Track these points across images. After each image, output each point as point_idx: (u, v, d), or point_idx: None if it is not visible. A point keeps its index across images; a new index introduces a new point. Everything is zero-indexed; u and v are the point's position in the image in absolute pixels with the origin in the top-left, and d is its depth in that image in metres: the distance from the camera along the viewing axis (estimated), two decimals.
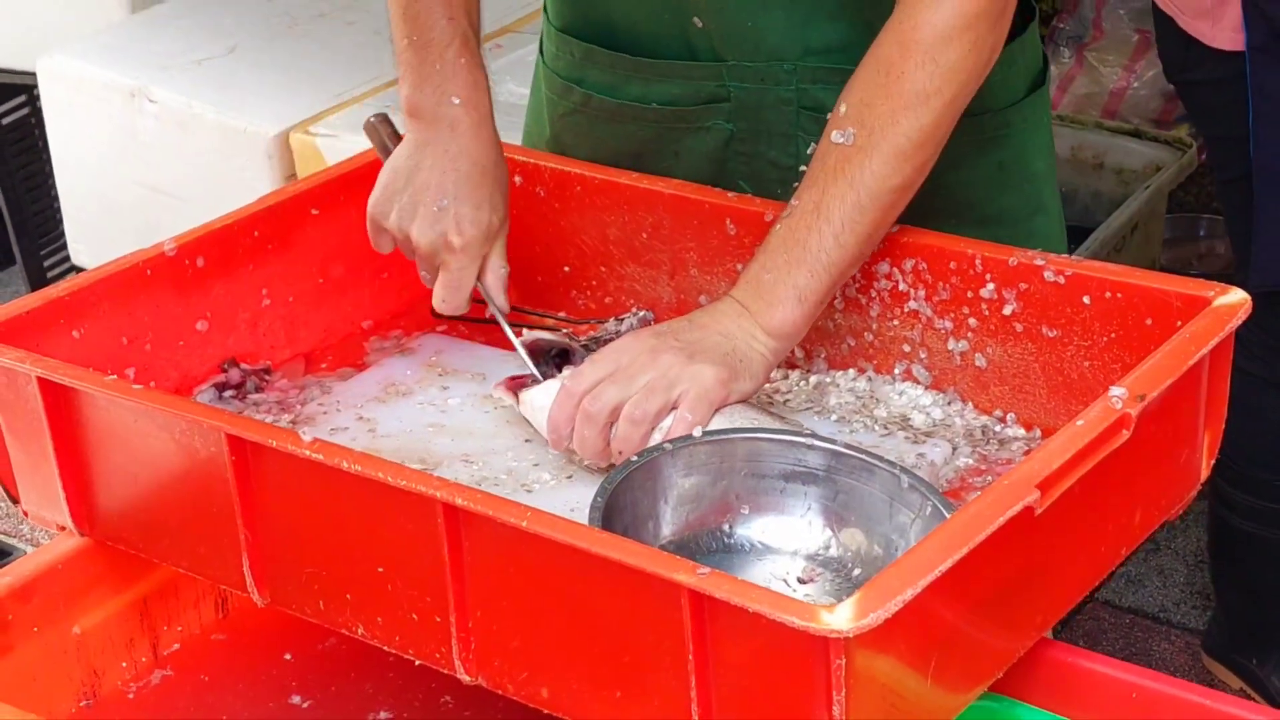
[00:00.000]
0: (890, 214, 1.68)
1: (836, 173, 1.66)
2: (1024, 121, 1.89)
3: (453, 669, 1.47)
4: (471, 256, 1.80)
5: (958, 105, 1.67)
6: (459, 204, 1.79)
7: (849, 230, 1.66)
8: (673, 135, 1.91)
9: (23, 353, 1.67)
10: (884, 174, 1.65)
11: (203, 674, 1.76)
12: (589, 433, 1.63)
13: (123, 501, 1.66)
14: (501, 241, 1.83)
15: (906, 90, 1.64)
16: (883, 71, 1.66)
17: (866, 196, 1.66)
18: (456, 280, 1.81)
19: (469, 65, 1.83)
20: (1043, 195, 1.94)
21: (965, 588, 1.32)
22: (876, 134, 1.65)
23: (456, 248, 1.79)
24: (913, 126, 1.65)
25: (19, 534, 3.66)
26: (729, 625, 1.28)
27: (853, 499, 1.54)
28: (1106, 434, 1.41)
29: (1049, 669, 1.49)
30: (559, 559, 1.36)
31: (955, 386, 1.75)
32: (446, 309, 1.83)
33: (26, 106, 4.12)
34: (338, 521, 1.50)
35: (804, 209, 1.67)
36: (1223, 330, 1.54)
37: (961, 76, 1.66)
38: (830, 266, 1.66)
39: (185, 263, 1.84)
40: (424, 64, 1.82)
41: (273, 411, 1.83)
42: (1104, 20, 4.21)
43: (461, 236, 1.79)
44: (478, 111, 1.83)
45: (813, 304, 1.67)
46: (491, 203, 1.82)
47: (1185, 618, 3.26)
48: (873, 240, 1.69)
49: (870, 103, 1.66)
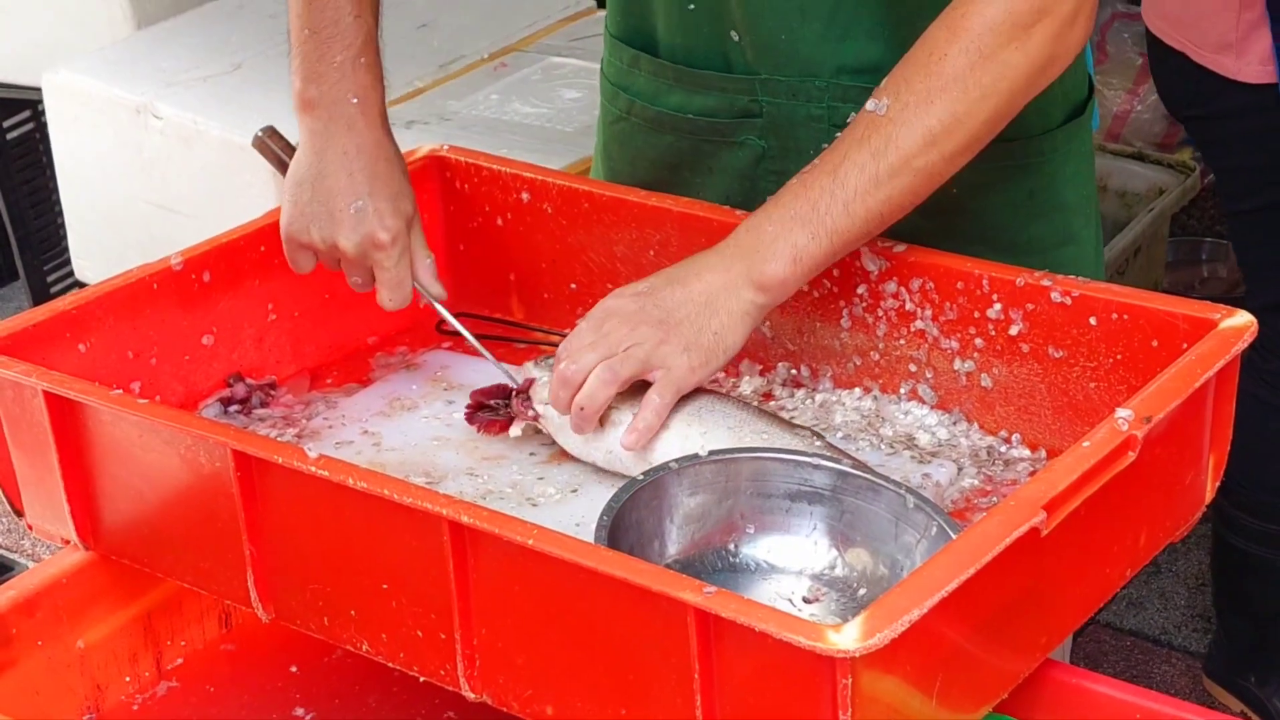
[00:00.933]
0: (907, 196, 1.65)
1: (862, 140, 1.64)
2: (1057, 150, 1.87)
3: (457, 686, 1.47)
4: (402, 248, 1.80)
5: (998, 104, 1.64)
6: (375, 200, 1.79)
7: (860, 200, 1.64)
8: (708, 149, 1.91)
9: (29, 366, 1.67)
10: (908, 151, 1.63)
11: (206, 688, 1.76)
12: (563, 394, 1.65)
13: (127, 516, 1.66)
14: (418, 231, 1.83)
15: (946, 71, 1.62)
16: (926, 51, 1.64)
17: (885, 170, 1.63)
18: (394, 276, 1.80)
19: (369, 65, 1.81)
20: (1073, 225, 1.91)
21: (971, 608, 1.32)
22: (909, 110, 1.63)
23: (385, 243, 1.78)
24: (945, 110, 1.62)
25: (20, 549, 3.66)
26: (735, 644, 1.28)
27: (858, 519, 1.54)
28: (1112, 456, 1.41)
29: (1053, 690, 1.49)
30: (564, 577, 1.35)
31: (961, 406, 1.75)
32: (394, 306, 1.82)
33: (31, 121, 4.13)
34: (342, 537, 1.50)
35: (822, 169, 1.66)
36: (1229, 353, 1.54)
37: (1007, 73, 1.63)
38: (833, 233, 1.64)
39: (191, 277, 1.84)
40: (323, 59, 1.79)
41: (278, 426, 1.83)
42: (1108, 44, 4.22)
43: (388, 231, 1.78)
44: (374, 109, 1.82)
45: (807, 266, 1.65)
46: (405, 191, 1.81)
47: (1186, 640, 3.26)
48: (883, 218, 1.65)
49: (909, 79, 1.64)
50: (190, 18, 3.72)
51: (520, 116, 3.14)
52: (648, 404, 1.64)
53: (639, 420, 1.64)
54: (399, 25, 1.82)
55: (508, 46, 3.47)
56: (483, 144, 2.82)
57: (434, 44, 3.47)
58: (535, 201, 1.96)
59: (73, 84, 3.49)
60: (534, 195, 1.96)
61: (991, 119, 1.65)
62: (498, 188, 1.99)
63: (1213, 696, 3.09)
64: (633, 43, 1.95)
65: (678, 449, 1.61)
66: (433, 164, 2.02)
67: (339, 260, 1.82)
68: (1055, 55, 1.66)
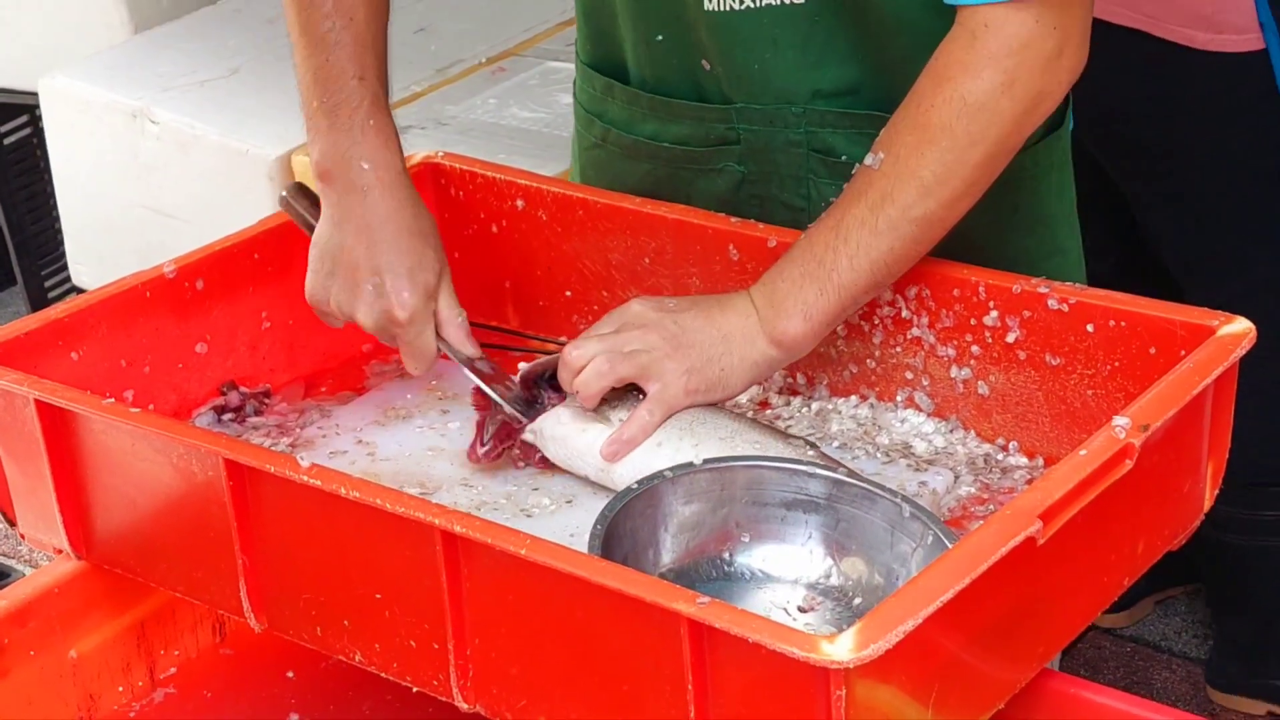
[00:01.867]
0: (911, 246, 1.66)
1: (860, 195, 1.65)
2: (1038, 164, 1.86)
3: (450, 696, 1.46)
4: (421, 323, 1.76)
5: (989, 150, 1.63)
6: (392, 277, 1.75)
7: (863, 254, 1.65)
8: (685, 176, 1.91)
9: (20, 375, 1.66)
10: (904, 204, 1.64)
11: (200, 698, 1.75)
12: (564, 375, 1.67)
13: (120, 525, 1.66)
14: (446, 291, 1.78)
15: (932, 123, 1.63)
16: (914, 102, 1.65)
17: (884, 224, 1.64)
18: (415, 349, 1.77)
19: (378, 127, 1.78)
20: (1058, 237, 1.91)
21: (967, 618, 1.31)
22: (901, 162, 1.64)
23: (404, 321, 1.75)
24: (936, 160, 1.63)
25: (17, 555, 3.66)
26: (729, 655, 1.27)
27: (854, 527, 1.53)
28: (1109, 464, 1.41)
29: (1050, 699, 1.49)
30: (558, 587, 1.35)
31: (958, 414, 1.75)
32: (419, 372, 1.80)
33: (28, 127, 4.12)
34: (336, 547, 1.49)
35: (825, 224, 1.67)
36: (1227, 360, 1.53)
37: (995, 119, 1.62)
38: (840, 288, 1.65)
39: (185, 285, 1.84)
40: (333, 128, 1.77)
41: (272, 435, 1.82)
42: None
43: (405, 310, 1.74)
44: (388, 172, 1.78)
45: (819, 323, 1.67)
46: (423, 262, 1.76)
47: (1186, 647, 3.25)
48: (890, 269, 1.66)
49: (900, 131, 1.65)
50: (187, 22, 3.72)
51: (518, 121, 3.14)
52: (635, 418, 1.64)
53: (623, 431, 1.64)
54: (396, 29, 1.81)
55: (505, 51, 3.47)
56: (480, 149, 2.84)
57: (431, 48, 3.47)
58: (530, 208, 1.96)
59: (69, 89, 3.49)
60: (529, 202, 1.96)
61: (984, 164, 1.64)
62: (493, 195, 1.98)
63: (1223, 707, 3.08)
64: (604, 70, 1.95)
65: (669, 461, 1.60)
66: (427, 171, 2.02)
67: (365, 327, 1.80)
68: (1044, 91, 1.64)
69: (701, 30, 1.81)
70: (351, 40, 1.77)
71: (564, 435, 1.69)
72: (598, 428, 1.66)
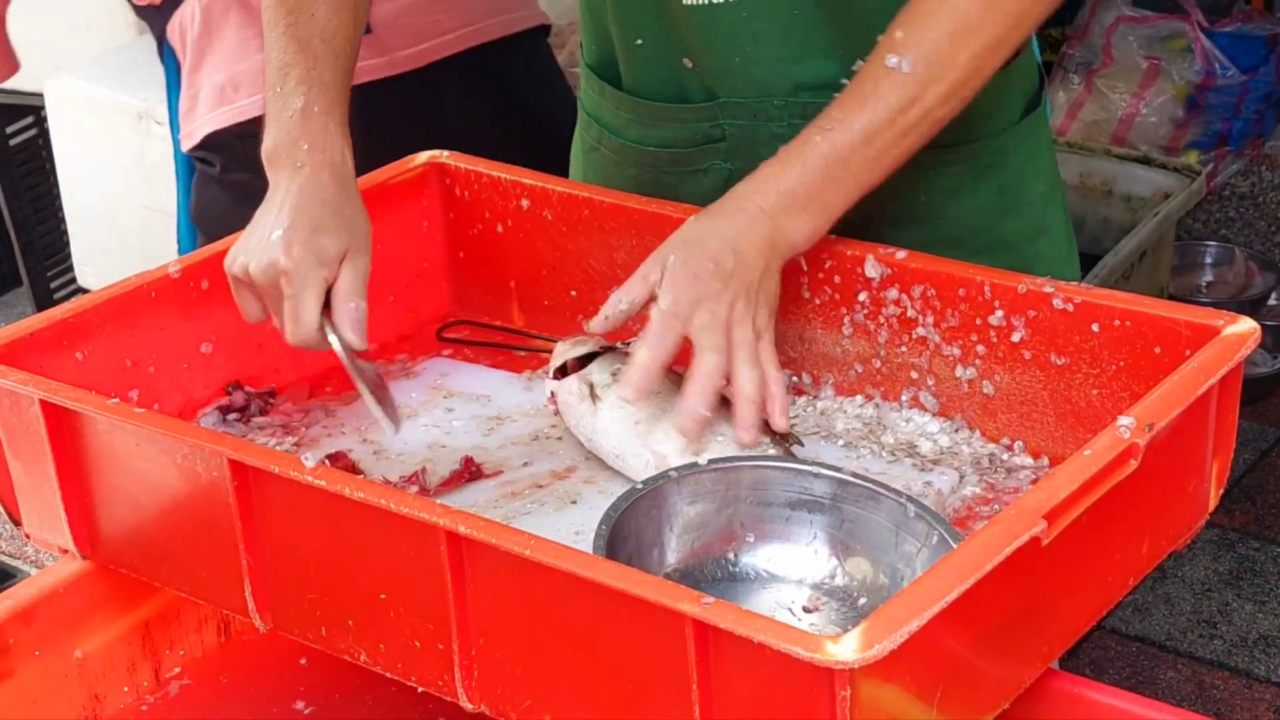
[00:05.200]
0: (925, 141, 1.69)
1: (888, 99, 1.66)
2: (1020, 145, 1.88)
3: (455, 696, 1.46)
4: (305, 282, 1.69)
5: (1008, 36, 1.67)
6: (291, 230, 1.70)
7: (889, 155, 1.68)
8: (670, 180, 1.91)
9: (25, 375, 1.66)
10: (932, 105, 1.66)
11: (205, 699, 1.75)
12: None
13: (125, 525, 1.66)
14: (351, 272, 1.71)
15: (967, 28, 1.65)
16: (946, 10, 1.66)
17: (906, 124, 1.66)
18: (293, 309, 1.69)
19: (322, 112, 1.78)
20: (1045, 218, 1.93)
21: (971, 618, 1.31)
22: (934, 66, 1.65)
23: (288, 271, 1.69)
24: (966, 60, 1.66)
25: (23, 555, 3.66)
26: (733, 655, 1.27)
27: (858, 527, 1.53)
28: (1114, 464, 1.40)
29: (1055, 699, 1.48)
30: (562, 587, 1.35)
31: (963, 414, 1.74)
32: (294, 341, 1.71)
33: (34, 128, 4.13)
34: (340, 547, 1.49)
35: (850, 129, 1.67)
36: (1232, 359, 1.53)
37: (1010, 6, 1.66)
38: (862, 187, 1.68)
39: (190, 285, 1.84)
40: (280, 112, 1.78)
41: (277, 435, 1.82)
42: (1114, 47, 4.21)
43: (290, 259, 1.68)
44: (326, 154, 1.76)
45: (836, 219, 1.69)
46: (331, 230, 1.71)
47: (1192, 646, 3.25)
48: (903, 162, 1.69)
49: (933, 40, 1.66)
50: None
51: None
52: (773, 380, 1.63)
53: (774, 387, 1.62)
54: None
55: None
56: None
57: None
58: (535, 208, 1.96)
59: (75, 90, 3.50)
60: (534, 202, 1.96)
61: (1007, 49, 1.68)
62: (498, 194, 1.98)
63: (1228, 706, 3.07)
64: (602, 74, 1.96)
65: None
66: (433, 171, 2.02)
67: (259, 294, 1.74)
68: None
69: (682, 26, 1.82)
70: (312, 30, 1.80)
71: (569, 403, 1.71)
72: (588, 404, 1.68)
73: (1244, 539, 3.50)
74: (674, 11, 1.81)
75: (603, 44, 1.94)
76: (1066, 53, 4.30)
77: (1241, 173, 4.22)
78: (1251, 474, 3.67)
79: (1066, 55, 4.30)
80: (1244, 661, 3.21)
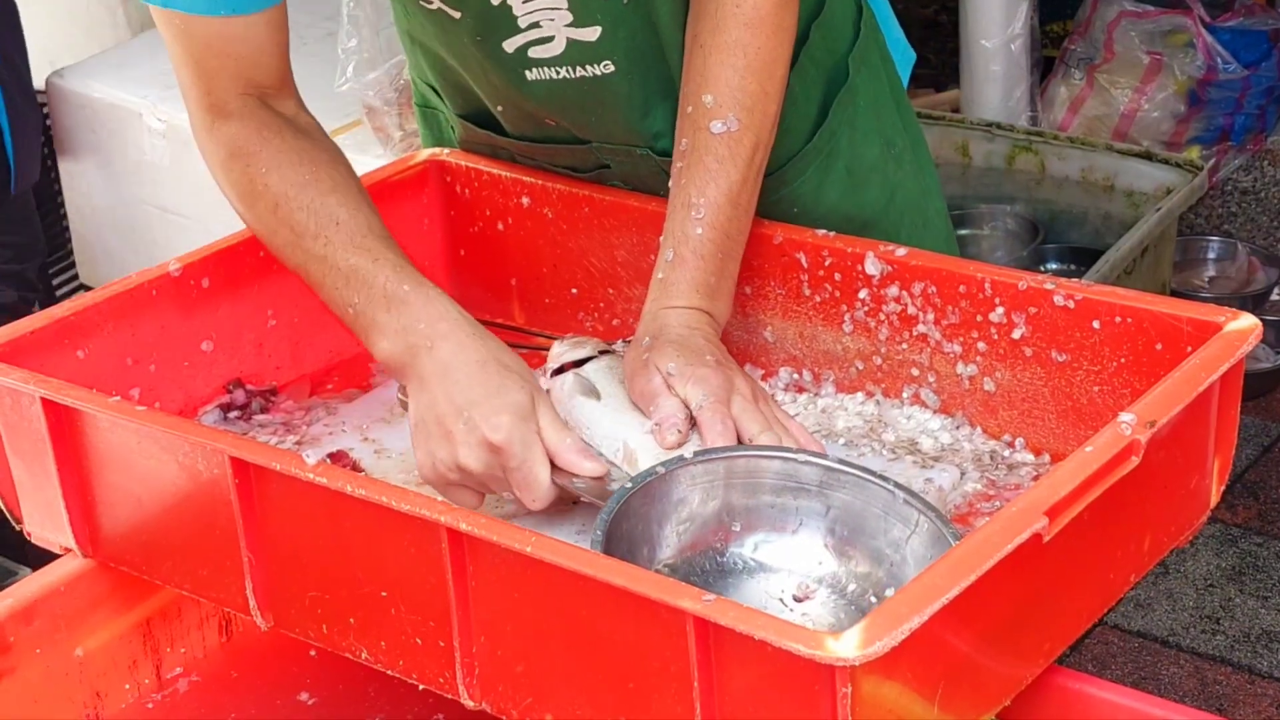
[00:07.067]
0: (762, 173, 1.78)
1: (733, 160, 1.72)
2: (855, 118, 1.94)
3: (456, 694, 1.46)
4: (525, 446, 1.57)
5: (789, 49, 1.77)
6: (475, 408, 1.58)
7: (753, 207, 1.76)
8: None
9: (26, 373, 1.66)
10: (765, 146, 1.75)
11: (206, 697, 1.75)
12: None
13: (126, 523, 1.66)
14: (546, 414, 1.60)
15: (766, 62, 1.73)
16: (739, 53, 1.72)
17: (754, 172, 1.75)
18: (523, 477, 1.58)
19: (413, 288, 1.67)
20: (891, 181, 1.98)
21: (973, 615, 1.31)
22: (754, 110, 1.73)
23: (501, 444, 1.57)
24: (775, 90, 1.75)
25: None
26: (734, 652, 1.27)
27: (846, 514, 1.53)
28: (1115, 460, 1.40)
29: (1056, 695, 1.48)
30: (563, 585, 1.35)
31: (964, 411, 1.74)
32: (538, 506, 1.59)
33: None
34: (341, 545, 1.49)
35: (718, 204, 1.72)
36: (1233, 356, 1.53)
37: (794, 34, 1.77)
38: (745, 238, 1.76)
39: (190, 283, 1.83)
40: (375, 319, 1.67)
41: (278, 433, 1.82)
42: (1115, 42, 4.21)
43: (499, 431, 1.57)
44: (444, 322, 1.65)
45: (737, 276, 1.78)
46: (509, 384, 1.60)
47: (1194, 642, 3.25)
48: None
49: (740, 86, 1.72)
50: None
51: None
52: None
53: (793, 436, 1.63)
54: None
55: None
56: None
57: None
58: (536, 206, 1.96)
59: (75, 88, 3.49)
60: (535, 200, 1.96)
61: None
62: (499, 192, 1.98)
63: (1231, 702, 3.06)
64: (481, 124, 1.98)
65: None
66: (433, 168, 2.02)
67: (482, 483, 1.62)
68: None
69: (532, 98, 1.86)
70: (345, 239, 1.70)
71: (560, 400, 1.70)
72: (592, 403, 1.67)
73: (1246, 534, 3.50)
74: (522, 86, 1.85)
75: (468, 99, 1.96)
76: (1068, 48, 4.30)
77: (1243, 168, 4.22)
78: (1254, 469, 3.67)
79: (1068, 50, 4.30)
80: (1247, 657, 3.21)
